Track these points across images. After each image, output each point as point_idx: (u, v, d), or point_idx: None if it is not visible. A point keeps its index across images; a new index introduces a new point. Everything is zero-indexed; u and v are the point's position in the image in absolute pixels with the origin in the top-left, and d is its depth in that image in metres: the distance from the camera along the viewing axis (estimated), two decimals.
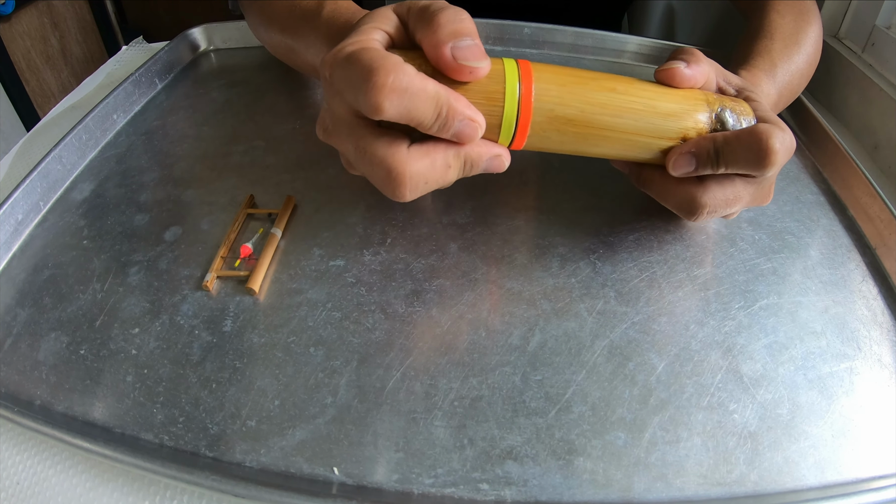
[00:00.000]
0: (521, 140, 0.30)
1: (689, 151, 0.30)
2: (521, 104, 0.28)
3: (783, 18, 0.43)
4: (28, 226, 0.37)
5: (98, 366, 0.30)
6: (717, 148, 0.30)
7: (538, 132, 0.30)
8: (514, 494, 0.25)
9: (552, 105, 0.29)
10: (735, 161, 0.30)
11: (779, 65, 0.40)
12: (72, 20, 1.40)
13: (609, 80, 0.31)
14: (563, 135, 0.30)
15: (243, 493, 0.24)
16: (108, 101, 0.45)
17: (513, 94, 0.28)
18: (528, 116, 0.29)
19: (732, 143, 0.30)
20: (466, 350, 0.30)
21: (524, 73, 0.29)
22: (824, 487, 0.26)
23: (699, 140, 0.30)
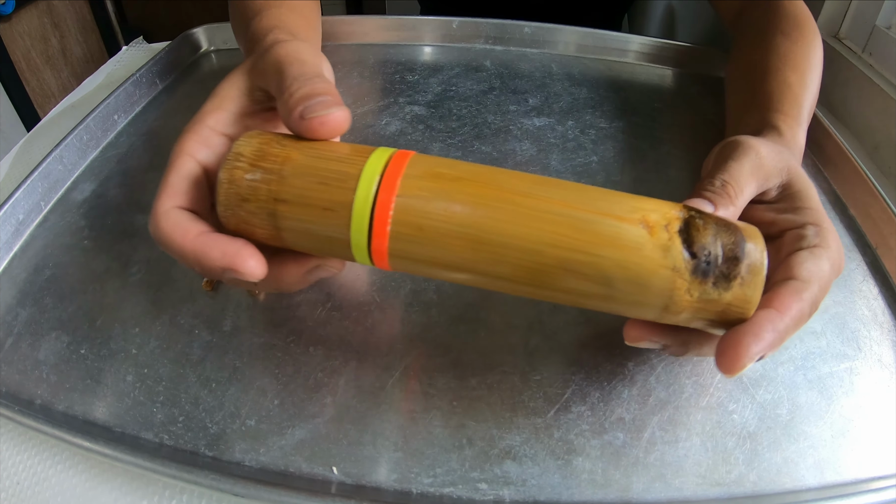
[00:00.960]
0: (380, 243, 0.22)
1: (754, 357, 0.22)
2: (381, 190, 0.22)
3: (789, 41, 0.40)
4: (29, 226, 0.37)
5: (98, 365, 0.30)
6: (782, 336, 0.23)
7: (406, 233, 0.22)
8: (512, 494, 0.25)
9: (433, 164, 0.23)
10: None
11: (803, 104, 0.36)
12: (72, 20, 1.40)
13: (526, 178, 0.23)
14: (455, 197, 0.22)
15: (243, 492, 0.24)
16: (109, 101, 0.45)
17: (371, 176, 0.22)
18: (388, 207, 0.22)
19: (792, 325, 0.23)
20: (465, 350, 0.30)
21: (396, 159, 0.23)
22: (823, 488, 0.26)
23: (761, 334, 0.22)
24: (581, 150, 0.44)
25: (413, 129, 0.45)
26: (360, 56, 0.55)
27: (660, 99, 0.51)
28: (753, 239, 0.23)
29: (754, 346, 0.22)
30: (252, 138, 0.24)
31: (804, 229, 0.26)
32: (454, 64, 0.54)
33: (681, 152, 0.44)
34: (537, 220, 0.22)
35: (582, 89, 0.51)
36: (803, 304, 0.23)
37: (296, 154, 0.23)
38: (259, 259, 0.23)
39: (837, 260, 0.26)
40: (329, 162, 0.23)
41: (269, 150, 0.23)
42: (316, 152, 0.23)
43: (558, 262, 0.22)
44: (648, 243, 0.22)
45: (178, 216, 0.24)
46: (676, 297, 0.22)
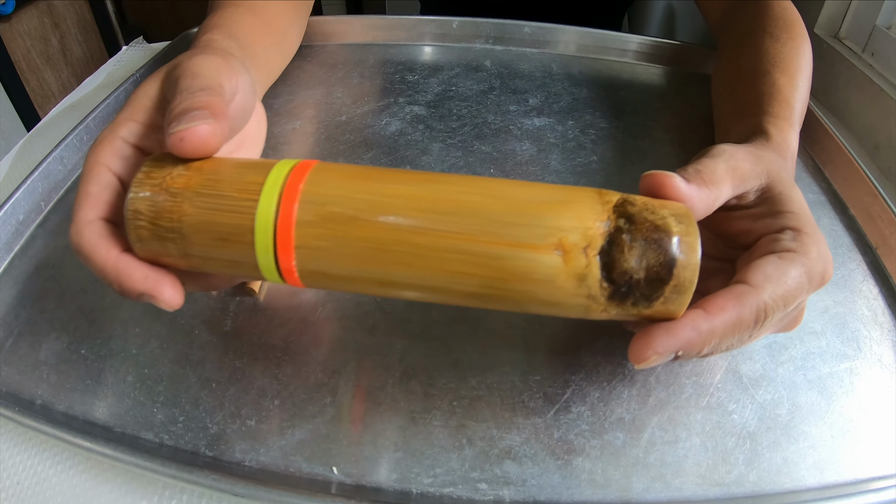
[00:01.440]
0: (286, 254, 0.21)
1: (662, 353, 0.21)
2: (283, 197, 0.21)
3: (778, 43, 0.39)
4: (29, 226, 0.37)
5: (99, 365, 0.30)
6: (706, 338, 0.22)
7: (312, 242, 0.21)
8: (512, 494, 0.25)
9: (327, 200, 0.21)
10: (725, 344, 0.23)
11: (794, 105, 0.35)
12: (72, 20, 1.40)
13: (431, 176, 0.22)
14: (350, 249, 0.21)
15: (243, 492, 0.24)
16: (109, 101, 0.45)
17: (275, 185, 0.21)
18: (291, 214, 0.21)
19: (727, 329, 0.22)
20: (465, 350, 0.30)
21: (299, 168, 0.22)
22: (823, 488, 0.26)
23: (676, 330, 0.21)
24: (581, 150, 0.44)
25: (413, 129, 0.45)
26: (360, 56, 0.55)
27: (660, 99, 0.51)
28: (688, 254, 0.21)
29: (663, 342, 0.21)
30: (143, 187, 0.22)
31: (781, 234, 0.25)
32: (454, 64, 0.54)
33: (681, 152, 0.44)
34: (437, 262, 0.21)
35: (582, 89, 0.51)
36: (744, 310, 0.22)
37: (188, 207, 0.22)
38: (177, 289, 0.23)
39: (816, 268, 0.24)
40: (223, 214, 0.22)
41: (163, 207, 0.22)
42: (207, 202, 0.22)
43: (464, 296, 0.22)
44: (561, 274, 0.20)
45: (102, 229, 0.23)
46: (592, 314, 0.22)
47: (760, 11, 0.42)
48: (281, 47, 0.44)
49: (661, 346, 0.21)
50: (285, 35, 0.44)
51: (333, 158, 0.42)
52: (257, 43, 0.38)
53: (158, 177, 0.22)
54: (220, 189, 0.22)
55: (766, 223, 0.26)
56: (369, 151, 0.43)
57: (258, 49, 0.38)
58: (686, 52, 0.55)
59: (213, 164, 0.23)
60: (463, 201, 0.21)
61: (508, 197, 0.21)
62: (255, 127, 0.31)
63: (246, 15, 0.38)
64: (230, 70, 0.26)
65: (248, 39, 0.37)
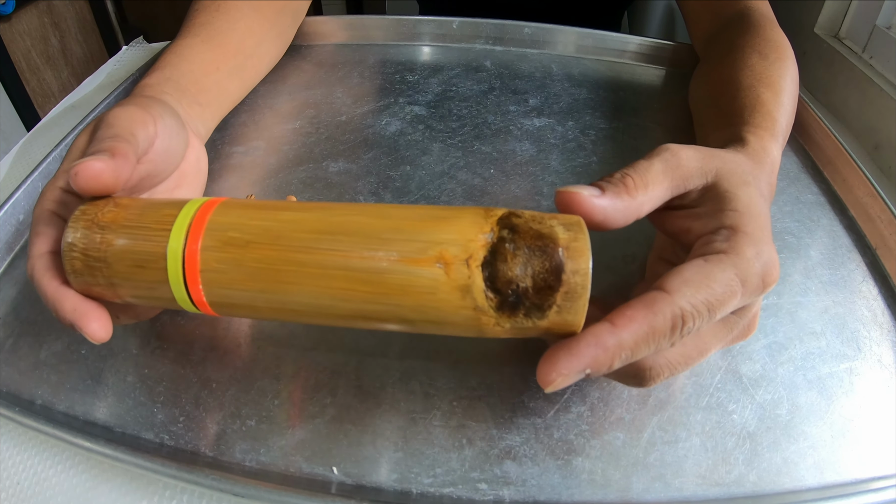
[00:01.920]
0: (194, 279, 0.23)
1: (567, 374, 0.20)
2: (192, 227, 0.23)
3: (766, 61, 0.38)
4: (29, 226, 0.37)
5: (99, 365, 0.30)
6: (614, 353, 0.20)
7: (213, 266, 0.23)
8: (512, 494, 0.25)
9: (228, 227, 0.23)
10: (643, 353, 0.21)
11: (777, 119, 0.34)
12: (72, 20, 1.40)
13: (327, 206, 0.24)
14: (246, 271, 0.22)
15: (243, 492, 0.24)
16: (109, 100, 0.45)
17: (186, 216, 0.23)
18: (197, 241, 0.23)
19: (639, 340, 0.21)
20: (465, 350, 0.30)
21: (209, 203, 0.24)
22: (823, 488, 0.26)
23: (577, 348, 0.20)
24: (581, 151, 0.44)
25: (413, 130, 0.45)
26: (360, 56, 0.55)
27: (660, 99, 0.51)
28: (576, 259, 0.20)
29: (566, 363, 0.20)
30: (77, 223, 0.24)
31: (715, 234, 0.24)
32: (454, 64, 0.54)
33: None
34: (323, 279, 0.22)
35: (582, 90, 0.51)
36: (656, 318, 0.20)
37: (113, 238, 0.24)
38: (103, 324, 0.24)
39: (751, 270, 0.22)
40: (141, 243, 0.24)
41: (93, 238, 0.24)
42: (128, 232, 0.24)
43: (355, 314, 0.22)
44: (444, 286, 0.20)
45: (48, 261, 0.25)
46: (486, 329, 0.21)
47: (751, 30, 0.42)
48: (243, 71, 0.44)
49: (564, 367, 0.20)
50: (251, 56, 0.45)
51: (333, 158, 0.42)
52: (208, 75, 0.39)
53: (91, 213, 0.24)
54: (140, 221, 0.24)
55: (704, 223, 0.25)
56: (369, 151, 0.43)
57: (208, 82, 0.39)
58: (686, 52, 0.55)
59: (140, 201, 0.25)
60: (347, 222, 0.22)
61: (392, 216, 0.22)
62: (193, 164, 0.34)
63: (199, 47, 0.40)
64: (146, 118, 0.28)
65: (196, 75, 0.38)
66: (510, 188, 0.40)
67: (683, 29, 0.84)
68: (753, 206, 0.24)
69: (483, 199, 0.39)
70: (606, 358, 0.20)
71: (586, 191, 0.23)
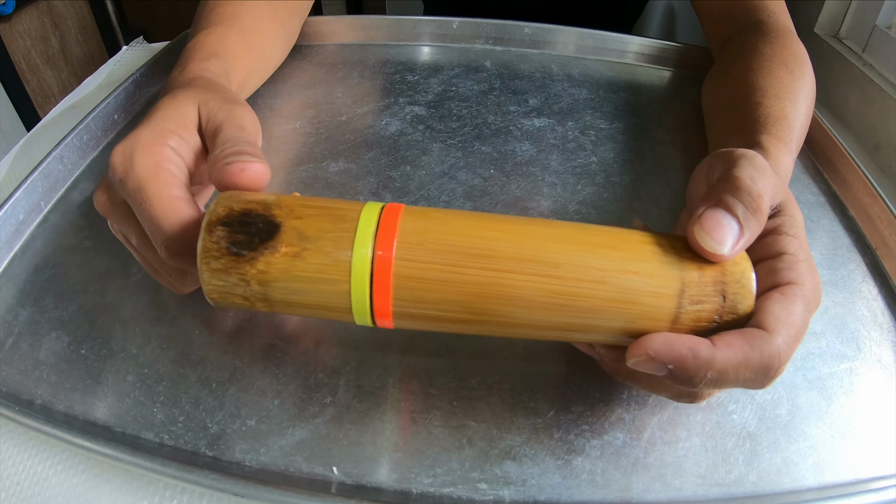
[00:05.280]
0: (383, 286, 0.22)
1: (655, 358, 0.22)
2: (378, 236, 0.22)
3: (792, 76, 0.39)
4: (29, 226, 0.37)
5: (99, 365, 0.30)
6: (703, 365, 0.21)
7: (408, 277, 0.22)
8: (512, 494, 0.25)
9: (423, 238, 0.22)
10: (728, 382, 0.22)
11: (795, 133, 0.35)
12: (72, 20, 1.40)
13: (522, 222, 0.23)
14: (445, 285, 0.22)
15: (243, 492, 0.24)
16: (109, 101, 0.45)
17: (368, 225, 0.22)
18: (389, 249, 0.22)
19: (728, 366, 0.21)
20: (465, 350, 0.30)
21: (389, 209, 0.23)
22: (823, 488, 0.26)
23: (671, 344, 0.21)
24: (581, 151, 0.44)
25: (413, 130, 0.45)
26: (360, 56, 0.55)
27: (659, 100, 0.51)
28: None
29: (658, 348, 0.21)
30: (214, 254, 0.23)
31: (777, 260, 0.24)
32: (454, 64, 0.54)
33: (680, 154, 0.44)
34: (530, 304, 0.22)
35: (582, 90, 0.51)
36: (752, 352, 0.21)
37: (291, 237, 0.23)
38: None
39: (813, 297, 0.23)
40: (327, 246, 0.22)
41: (242, 268, 0.23)
42: (312, 236, 0.23)
43: (556, 328, 0.23)
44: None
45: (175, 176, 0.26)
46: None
47: (776, 40, 0.42)
48: (261, 70, 0.45)
49: (653, 350, 0.21)
50: (268, 59, 0.45)
51: (334, 158, 0.42)
52: (242, 69, 0.40)
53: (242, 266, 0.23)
54: (321, 227, 0.23)
55: (766, 243, 0.25)
56: (369, 151, 0.43)
57: (242, 75, 0.40)
58: (686, 53, 0.55)
59: (308, 201, 0.24)
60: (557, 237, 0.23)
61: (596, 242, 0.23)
62: None
63: (234, 39, 0.40)
64: (257, 125, 0.30)
65: (236, 68, 0.39)
66: (510, 188, 0.40)
67: (684, 30, 0.85)
68: (804, 231, 0.25)
69: (483, 199, 0.39)
70: (693, 365, 0.21)
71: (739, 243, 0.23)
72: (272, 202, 0.23)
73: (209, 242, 0.23)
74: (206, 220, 0.23)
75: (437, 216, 0.23)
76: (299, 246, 0.22)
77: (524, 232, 0.23)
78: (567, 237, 0.23)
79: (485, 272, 0.22)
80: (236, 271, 0.23)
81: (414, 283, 0.22)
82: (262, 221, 0.23)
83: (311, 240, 0.22)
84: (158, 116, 0.28)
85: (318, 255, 0.22)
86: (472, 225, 0.23)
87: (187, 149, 0.28)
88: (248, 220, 0.23)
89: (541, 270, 0.22)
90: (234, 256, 0.22)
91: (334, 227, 0.22)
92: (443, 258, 0.22)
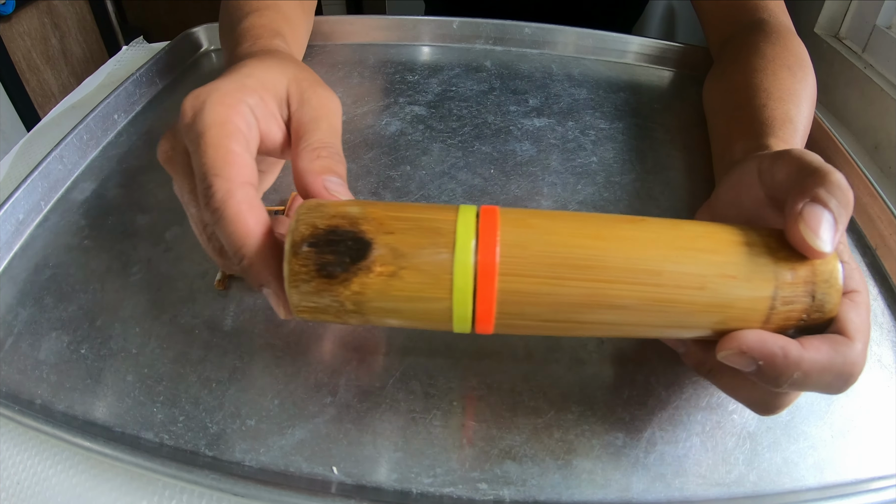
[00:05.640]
0: (487, 292, 0.21)
1: (747, 353, 0.22)
2: (480, 241, 0.21)
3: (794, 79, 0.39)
4: (29, 225, 0.37)
5: (99, 365, 0.30)
6: (791, 364, 0.21)
7: (514, 282, 0.22)
8: (512, 494, 0.25)
9: (526, 242, 0.22)
10: (809, 385, 0.22)
11: (798, 136, 0.36)
12: (72, 20, 1.40)
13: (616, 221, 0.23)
14: (550, 291, 0.22)
15: (243, 492, 0.24)
16: (109, 100, 0.45)
17: (467, 229, 0.22)
18: (492, 255, 0.21)
19: (814, 368, 0.21)
20: (465, 350, 0.30)
21: (486, 211, 0.22)
22: (823, 488, 0.26)
23: (764, 341, 0.22)
24: (581, 151, 0.44)
25: (413, 130, 0.45)
26: (360, 56, 0.55)
27: (660, 100, 0.51)
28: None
29: (750, 343, 0.22)
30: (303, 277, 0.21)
31: None
32: (454, 64, 0.54)
33: (680, 153, 0.44)
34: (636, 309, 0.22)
35: (582, 90, 0.51)
36: (836, 357, 0.22)
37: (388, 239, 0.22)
38: None
39: (868, 300, 0.24)
40: (416, 301, 0.22)
41: (334, 289, 0.22)
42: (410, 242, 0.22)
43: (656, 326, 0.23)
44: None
45: (253, 198, 0.23)
46: None
47: (778, 41, 0.42)
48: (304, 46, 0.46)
49: (746, 344, 0.22)
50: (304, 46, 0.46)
51: None
52: (298, 53, 0.40)
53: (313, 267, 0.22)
54: (415, 233, 0.22)
55: None
56: (369, 151, 0.43)
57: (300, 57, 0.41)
58: (686, 53, 0.55)
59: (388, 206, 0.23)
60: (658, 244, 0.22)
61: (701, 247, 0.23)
62: None
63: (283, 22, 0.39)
64: (340, 113, 0.29)
65: (295, 50, 0.39)
66: (510, 188, 0.40)
67: (683, 30, 0.84)
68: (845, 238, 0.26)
69: (483, 199, 0.39)
70: (782, 364, 0.21)
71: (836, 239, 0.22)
72: (358, 215, 0.22)
73: (296, 265, 0.21)
74: (289, 240, 0.22)
75: (536, 223, 0.22)
76: (395, 265, 0.21)
77: (624, 237, 0.22)
78: (666, 242, 0.22)
79: (589, 283, 0.22)
80: (329, 293, 0.22)
81: (518, 298, 0.22)
82: (351, 239, 0.21)
83: (406, 257, 0.21)
84: (242, 72, 0.26)
85: (417, 275, 0.21)
86: (571, 232, 0.22)
87: (265, 112, 0.26)
88: (336, 237, 0.21)
89: (643, 279, 0.22)
90: (326, 279, 0.21)
91: (430, 243, 0.21)
92: (547, 271, 0.21)
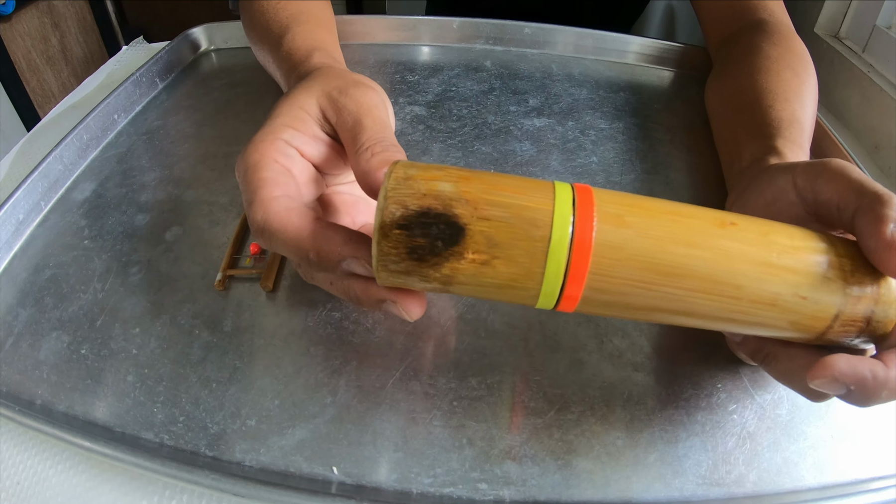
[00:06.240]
0: (579, 269, 0.21)
1: (839, 380, 0.22)
2: (577, 217, 0.21)
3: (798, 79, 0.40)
4: (29, 225, 0.38)
5: (99, 365, 0.30)
6: (880, 385, 0.21)
7: (607, 260, 0.21)
8: (512, 494, 0.25)
9: (621, 224, 0.22)
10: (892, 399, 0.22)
11: (806, 136, 0.36)
12: (72, 20, 1.40)
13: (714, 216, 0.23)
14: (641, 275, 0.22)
15: (243, 492, 0.24)
16: (109, 100, 0.45)
17: (564, 218, 0.21)
18: (589, 232, 0.21)
19: None
20: (465, 350, 0.30)
21: (581, 189, 0.22)
22: (823, 488, 0.26)
23: (855, 367, 0.22)
24: (581, 151, 0.44)
25: (413, 130, 0.45)
26: (360, 56, 0.55)
27: (660, 100, 0.51)
28: None
29: (842, 371, 0.22)
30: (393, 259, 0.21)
31: None
32: (454, 64, 0.54)
33: (681, 153, 0.44)
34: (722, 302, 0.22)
35: (582, 90, 0.51)
36: None
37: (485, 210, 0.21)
38: (421, 300, 0.24)
39: None
40: (505, 288, 0.22)
41: (424, 271, 0.22)
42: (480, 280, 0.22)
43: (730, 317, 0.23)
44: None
45: (289, 202, 0.24)
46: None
47: (780, 41, 0.42)
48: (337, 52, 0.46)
49: (838, 372, 0.22)
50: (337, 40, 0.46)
51: None
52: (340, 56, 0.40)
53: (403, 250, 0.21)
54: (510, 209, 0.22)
55: None
56: None
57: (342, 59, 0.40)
58: (686, 53, 0.55)
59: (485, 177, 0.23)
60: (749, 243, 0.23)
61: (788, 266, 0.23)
62: None
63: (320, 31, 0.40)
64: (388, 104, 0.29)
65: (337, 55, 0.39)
66: None
67: (684, 30, 0.84)
68: None
69: None
70: (872, 386, 0.22)
71: None
72: (451, 195, 0.21)
73: (386, 247, 0.21)
74: (378, 221, 0.21)
75: (633, 222, 0.22)
76: (488, 253, 0.21)
77: (716, 247, 0.22)
78: (754, 256, 0.22)
79: (673, 290, 0.22)
80: (418, 274, 0.22)
81: (602, 295, 0.22)
82: (444, 223, 0.21)
83: (501, 247, 0.21)
84: (272, 116, 0.28)
85: (510, 265, 0.21)
86: (666, 236, 0.22)
87: (304, 140, 0.27)
88: (428, 220, 0.21)
89: (724, 292, 0.22)
90: (416, 261, 0.21)
91: (526, 236, 0.21)
92: (636, 275, 0.22)
